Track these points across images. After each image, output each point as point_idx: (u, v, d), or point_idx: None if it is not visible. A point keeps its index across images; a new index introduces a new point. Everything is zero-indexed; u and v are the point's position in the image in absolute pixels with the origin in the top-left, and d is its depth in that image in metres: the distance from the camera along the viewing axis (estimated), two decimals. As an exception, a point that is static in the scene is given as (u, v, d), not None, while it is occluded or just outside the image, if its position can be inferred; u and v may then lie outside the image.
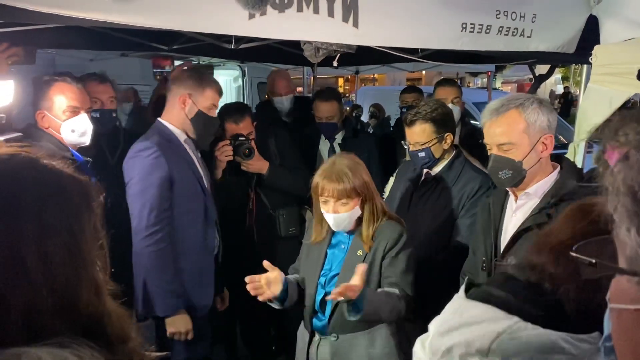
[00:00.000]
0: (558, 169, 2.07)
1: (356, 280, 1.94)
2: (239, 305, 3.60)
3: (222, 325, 3.84)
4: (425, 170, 2.83)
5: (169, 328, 2.52)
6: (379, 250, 2.23)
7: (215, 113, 2.78)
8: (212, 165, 3.01)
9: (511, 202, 2.15)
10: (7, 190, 0.77)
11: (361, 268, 1.97)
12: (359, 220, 2.27)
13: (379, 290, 2.19)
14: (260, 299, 2.16)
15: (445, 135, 2.73)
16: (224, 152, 3.00)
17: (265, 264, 2.17)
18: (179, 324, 2.53)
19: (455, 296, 1.09)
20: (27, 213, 0.76)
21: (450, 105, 3.83)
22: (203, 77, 2.73)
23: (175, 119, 2.68)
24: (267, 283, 2.13)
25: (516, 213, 2.10)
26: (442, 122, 2.73)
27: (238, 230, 3.23)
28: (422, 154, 2.73)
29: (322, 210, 2.24)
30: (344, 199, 2.17)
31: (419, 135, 2.72)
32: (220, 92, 2.77)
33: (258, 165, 3.14)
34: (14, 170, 0.79)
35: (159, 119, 2.73)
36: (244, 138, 3.07)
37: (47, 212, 0.77)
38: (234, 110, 3.19)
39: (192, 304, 2.62)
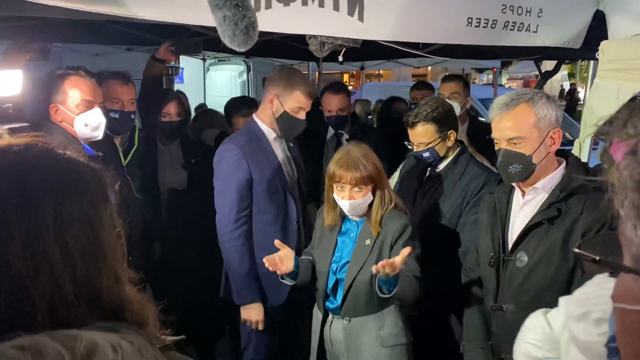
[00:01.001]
0: (564, 163, 2.07)
1: (398, 260, 2.08)
2: None
3: (226, 319, 3.86)
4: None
5: (242, 315, 2.77)
6: (386, 239, 2.36)
7: (303, 115, 2.81)
8: None
9: (517, 198, 2.14)
10: (25, 179, 0.77)
11: (406, 251, 2.11)
12: (369, 206, 2.40)
13: (406, 274, 2.29)
14: (278, 272, 2.34)
15: (449, 133, 2.73)
16: None
17: (277, 242, 2.35)
18: (251, 313, 2.74)
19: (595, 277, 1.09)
20: (45, 202, 0.76)
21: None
22: (293, 79, 2.78)
23: (266, 117, 2.82)
24: (279, 260, 2.32)
25: (524, 208, 2.09)
26: (444, 120, 2.72)
27: None
28: (426, 154, 2.73)
29: (337, 197, 2.37)
30: (359, 186, 2.31)
31: (421, 136, 2.72)
32: (311, 96, 2.81)
33: None
34: (31, 160, 0.80)
35: (253, 115, 2.86)
36: None
37: (65, 201, 0.78)
38: (241, 104, 3.32)
39: (267, 298, 2.80)
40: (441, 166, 2.79)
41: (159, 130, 3.37)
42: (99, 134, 2.61)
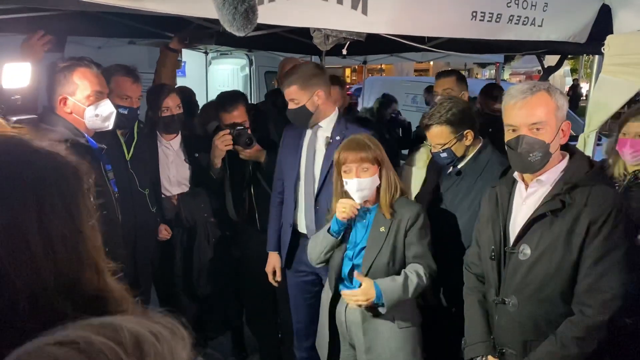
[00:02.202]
0: (567, 157, 2.06)
1: (358, 292, 2.37)
2: (246, 294, 3.66)
3: (230, 313, 3.87)
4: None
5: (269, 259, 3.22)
6: (400, 227, 2.47)
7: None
8: (213, 154, 3.23)
9: (520, 191, 2.13)
10: (6, 170, 0.77)
11: (359, 279, 2.40)
12: (377, 194, 2.50)
13: (397, 280, 2.40)
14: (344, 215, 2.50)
15: (465, 132, 2.69)
16: (224, 142, 3.17)
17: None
18: (271, 259, 3.19)
19: None
20: (26, 192, 0.76)
21: (439, 98, 3.79)
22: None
23: None
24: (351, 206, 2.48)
25: (526, 201, 2.08)
26: (459, 121, 2.69)
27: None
28: (444, 155, 2.72)
29: (345, 180, 2.45)
30: (366, 164, 2.42)
31: (437, 137, 2.71)
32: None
33: (256, 153, 3.27)
34: (10, 151, 0.80)
35: None
36: (242, 127, 3.19)
37: (45, 192, 0.78)
38: (227, 99, 3.33)
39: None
40: (461, 163, 2.76)
41: (161, 125, 3.35)
42: (110, 125, 2.61)
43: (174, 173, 3.43)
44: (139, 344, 0.51)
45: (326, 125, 2.96)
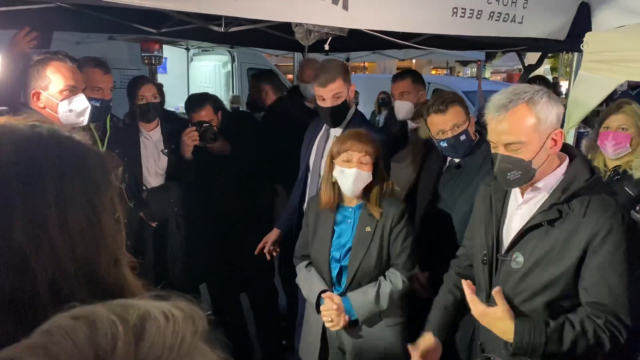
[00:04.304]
0: (566, 161, 1.91)
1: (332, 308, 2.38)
2: (251, 300, 3.84)
3: (234, 320, 3.85)
4: (448, 158, 2.78)
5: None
6: (386, 225, 2.43)
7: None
8: (182, 149, 3.41)
9: (516, 196, 2.02)
10: (31, 155, 0.78)
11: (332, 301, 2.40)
12: (364, 191, 2.45)
13: (368, 292, 2.41)
14: None
15: (470, 116, 2.71)
16: (191, 137, 3.37)
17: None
18: (271, 233, 3.32)
19: None
20: (49, 179, 0.77)
21: (397, 102, 3.80)
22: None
23: None
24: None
25: (522, 207, 1.97)
26: (465, 105, 2.70)
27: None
28: (463, 137, 2.65)
29: (341, 169, 2.39)
30: (367, 157, 2.38)
31: (456, 116, 2.64)
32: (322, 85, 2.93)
33: (221, 147, 3.47)
34: (37, 139, 0.81)
35: None
36: (207, 124, 3.41)
37: (68, 181, 0.79)
38: (195, 101, 3.60)
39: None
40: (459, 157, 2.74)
41: (138, 113, 3.43)
42: (85, 120, 2.58)
43: (152, 164, 3.46)
44: (144, 321, 0.52)
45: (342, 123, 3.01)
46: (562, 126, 3.16)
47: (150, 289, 0.88)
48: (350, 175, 2.37)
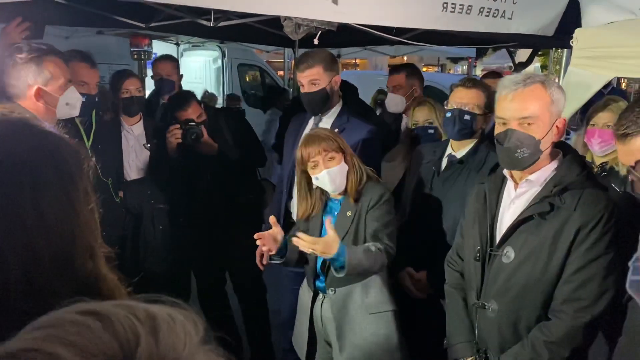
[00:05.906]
0: (560, 156, 1.94)
1: (322, 241, 2.18)
2: (240, 297, 3.81)
3: (222, 313, 3.83)
4: (448, 153, 2.74)
5: None
6: (363, 208, 2.40)
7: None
8: (167, 146, 3.37)
9: (509, 190, 2.02)
10: (4, 145, 0.77)
11: (328, 223, 2.23)
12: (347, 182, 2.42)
13: (359, 246, 2.33)
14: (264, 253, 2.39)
15: (490, 114, 2.59)
16: (174, 135, 3.32)
17: (272, 220, 2.40)
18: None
19: None
20: (23, 168, 0.76)
21: (389, 95, 3.80)
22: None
23: None
24: (269, 238, 2.36)
25: (515, 201, 1.97)
26: (493, 100, 2.67)
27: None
28: (467, 117, 2.59)
29: (315, 176, 2.37)
30: (330, 154, 2.34)
31: (474, 98, 2.60)
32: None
33: (206, 147, 3.39)
34: (9, 128, 0.80)
35: None
36: (194, 123, 3.34)
37: (42, 170, 0.78)
38: (179, 98, 3.52)
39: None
40: (460, 154, 2.69)
41: (121, 107, 3.42)
42: (76, 112, 2.58)
43: (134, 158, 3.45)
44: (153, 319, 0.51)
45: (329, 116, 2.96)
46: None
47: (124, 283, 0.87)
48: (324, 178, 2.36)
